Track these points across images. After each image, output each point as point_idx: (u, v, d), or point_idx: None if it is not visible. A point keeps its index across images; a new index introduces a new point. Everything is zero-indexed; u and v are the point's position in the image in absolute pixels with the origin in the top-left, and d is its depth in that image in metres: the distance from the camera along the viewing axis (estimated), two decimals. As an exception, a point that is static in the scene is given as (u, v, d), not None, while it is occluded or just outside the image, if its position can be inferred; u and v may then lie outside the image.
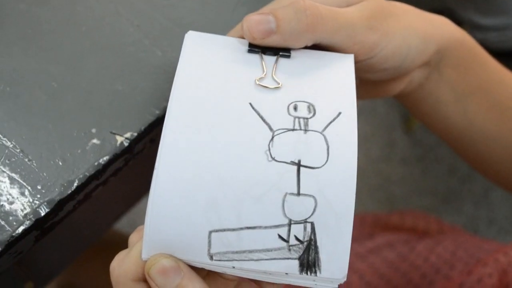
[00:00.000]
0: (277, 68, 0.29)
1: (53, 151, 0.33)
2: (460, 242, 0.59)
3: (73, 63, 0.36)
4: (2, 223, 0.30)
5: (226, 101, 0.27)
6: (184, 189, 0.25)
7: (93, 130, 0.34)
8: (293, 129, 0.26)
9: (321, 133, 0.26)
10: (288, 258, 0.25)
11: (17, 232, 0.30)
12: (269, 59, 0.30)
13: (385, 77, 0.35)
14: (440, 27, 0.36)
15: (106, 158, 0.33)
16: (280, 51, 0.30)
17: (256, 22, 0.29)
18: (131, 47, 0.37)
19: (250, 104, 0.27)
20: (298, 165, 0.25)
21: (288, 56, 0.30)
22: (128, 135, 0.34)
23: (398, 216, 0.69)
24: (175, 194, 0.24)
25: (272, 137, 0.26)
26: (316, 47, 0.31)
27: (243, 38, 0.30)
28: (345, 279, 0.24)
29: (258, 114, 0.27)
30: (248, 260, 0.24)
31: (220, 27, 0.38)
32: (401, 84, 0.37)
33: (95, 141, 0.33)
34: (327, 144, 0.26)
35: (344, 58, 0.30)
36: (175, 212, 0.24)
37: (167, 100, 0.35)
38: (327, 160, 0.25)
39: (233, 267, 0.25)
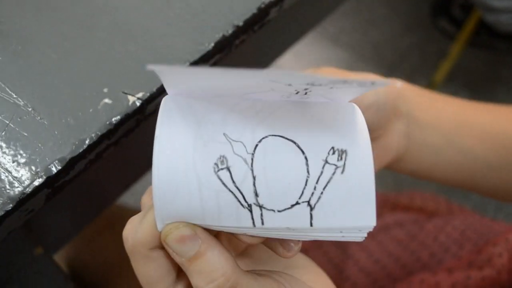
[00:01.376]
0: None
1: (64, 110, 0.32)
2: (470, 222, 0.59)
3: (86, 23, 0.36)
4: (13, 180, 0.30)
5: None
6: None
7: (105, 90, 0.33)
8: None
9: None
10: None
11: (28, 189, 0.30)
12: None
13: (372, 119, 0.35)
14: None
15: (117, 117, 0.32)
16: None
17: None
18: (144, 7, 0.37)
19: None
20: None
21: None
22: (140, 95, 0.33)
23: (407, 196, 0.69)
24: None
25: None
26: None
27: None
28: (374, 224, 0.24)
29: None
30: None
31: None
32: (392, 136, 0.38)
33: (106, 100, 0.33)
34: None
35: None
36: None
37: (180, 61, 0.35)
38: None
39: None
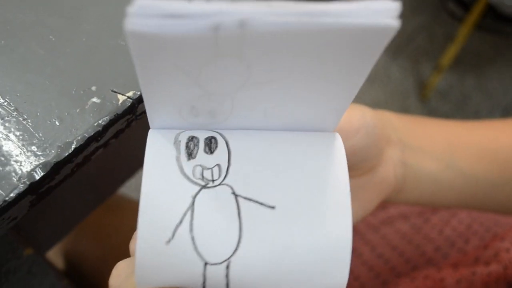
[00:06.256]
0: None
1: (49, 110, 0.30)
2: (476, 216, 0.59)
3: (73, 15, 0.34)
4: (-6, 186, 0.28)
5: None
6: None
7: (93, 88, 0.31)
8: None
9: None
10: None
11: (10, 196, 0.28)
12: None
13: (362, 144, 0.33)
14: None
15: (106, 118, 0.30)
16: None
17: None
18: (135, -2, 0.34)
19: None
20: None
21: None
22: (130, 94, 0.31)
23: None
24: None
25: None
26: None
27: None
28: None
29: None
30: None
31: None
32: (387, 166, 0.36)
33: (95, 99, 0.31)
34: None
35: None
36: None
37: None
38: None
39: None
